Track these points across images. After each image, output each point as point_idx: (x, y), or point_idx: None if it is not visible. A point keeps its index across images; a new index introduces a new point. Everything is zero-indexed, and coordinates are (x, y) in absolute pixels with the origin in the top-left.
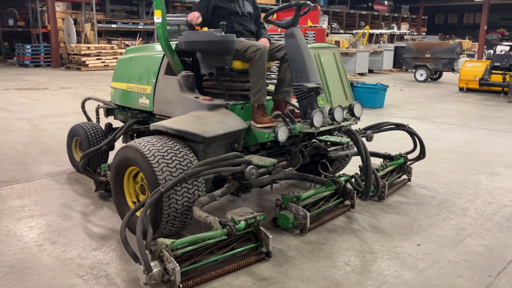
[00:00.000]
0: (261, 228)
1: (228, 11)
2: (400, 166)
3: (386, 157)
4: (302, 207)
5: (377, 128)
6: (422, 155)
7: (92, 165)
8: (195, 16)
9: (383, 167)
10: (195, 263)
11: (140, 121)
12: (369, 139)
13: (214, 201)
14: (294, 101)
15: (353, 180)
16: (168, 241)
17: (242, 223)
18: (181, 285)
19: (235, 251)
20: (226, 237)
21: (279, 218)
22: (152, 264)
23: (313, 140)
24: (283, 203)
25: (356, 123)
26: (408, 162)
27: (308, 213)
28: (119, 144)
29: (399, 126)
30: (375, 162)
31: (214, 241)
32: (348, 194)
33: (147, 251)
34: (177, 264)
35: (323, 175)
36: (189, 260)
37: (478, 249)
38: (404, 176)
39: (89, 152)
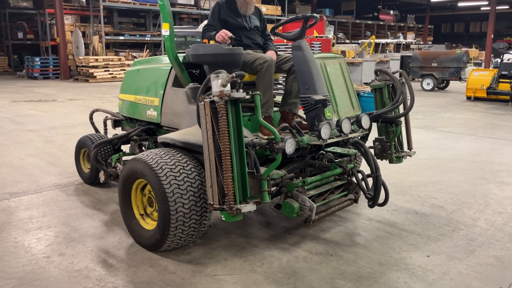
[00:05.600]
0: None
1: (236, 26)
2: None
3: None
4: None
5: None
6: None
7: (100, 157)
8: (227, 36)
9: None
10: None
11: (149, 132)
12: (377, 150)
13: None
14: (301, 112)
15: (359, 175)
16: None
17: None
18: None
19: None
20: (267, 147)
21: (284, 207)
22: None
23: (321, 151)
24: (288, 190)
25: (364, 135)
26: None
27: (314, 205)
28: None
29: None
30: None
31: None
32: (354, 188)
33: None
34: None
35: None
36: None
37: (489, 260)
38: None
39: (102, 143)
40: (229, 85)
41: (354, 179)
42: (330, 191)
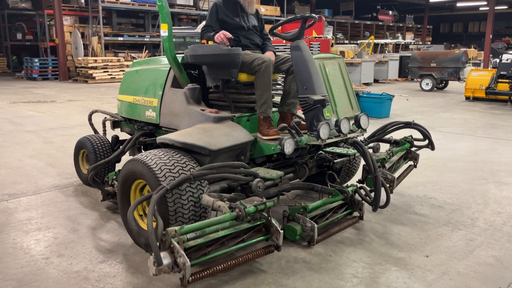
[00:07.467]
0: (273, 221)
1: (234, 26)
2: (406, 152)
3: (391, 142)
4: (309, 219)
5: (383, 131)
6: (431, 147)
7: (99, 176)
8: (225, 38)
9: (390, 155)
10: (206, 255)
11: (147, 133)
12: (376, 150)
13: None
14: (300, 112)
15: (361, 191)
16: (176, 227)
17: (252, 207)
18: (190, 279)
19: (246, 243)
20: (236, 221)
21: (287, 230)
22: (162, 255)
23: (320, 152)
24: (290, 214)
25: (363, 135)
26: (415, 148)
27: (315, 225)
28: (125, 156)
29: (406, 125)
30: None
31: (224, 233)
32: (357, 205)
33: (157, 243)
34: (187, 259)
35: (329, 186)
36: (199, 252)
37: (488, 260)
38: (411, 162)
39: (99, 165)
40: (168, 262)
41: (357, 196)
42: (333, 210)
